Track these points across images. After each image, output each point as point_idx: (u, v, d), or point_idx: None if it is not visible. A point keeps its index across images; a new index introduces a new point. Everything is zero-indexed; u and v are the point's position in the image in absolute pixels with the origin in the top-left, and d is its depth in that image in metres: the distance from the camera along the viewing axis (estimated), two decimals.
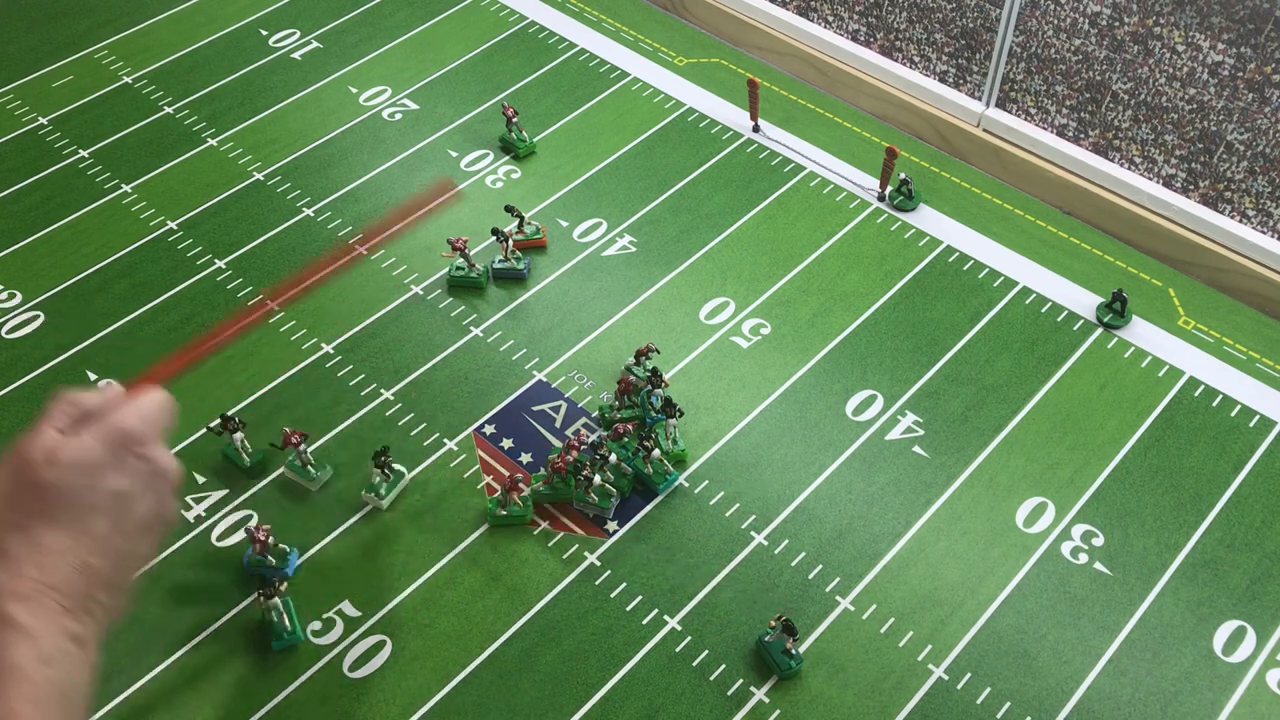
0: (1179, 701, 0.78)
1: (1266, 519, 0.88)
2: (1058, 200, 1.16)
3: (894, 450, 0.93)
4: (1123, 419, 0.95)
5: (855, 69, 1.28)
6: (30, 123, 1.26)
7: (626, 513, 0.90)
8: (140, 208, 1.16)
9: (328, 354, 1.02)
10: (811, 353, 1.01)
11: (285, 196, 1.17)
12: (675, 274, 1.08)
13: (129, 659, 0.83)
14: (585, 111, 1.25)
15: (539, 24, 1.36)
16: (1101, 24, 1.06)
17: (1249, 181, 1.04)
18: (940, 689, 0.79)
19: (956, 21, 1.17)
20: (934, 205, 1.13)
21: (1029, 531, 0.88)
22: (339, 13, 1.39)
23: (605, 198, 1.15)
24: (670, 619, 0.84)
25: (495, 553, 0.88)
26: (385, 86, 1.29)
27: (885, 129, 1.23)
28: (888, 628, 0.83)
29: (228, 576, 0.87)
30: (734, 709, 0.79)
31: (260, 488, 0.93)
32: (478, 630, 0.83)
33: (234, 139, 1.23)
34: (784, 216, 1.12)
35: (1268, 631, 0.82)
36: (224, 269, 1.10)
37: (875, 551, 0.87)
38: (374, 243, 0.87)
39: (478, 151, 1.21)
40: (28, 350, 1.04)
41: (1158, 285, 1.06)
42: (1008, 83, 1.17)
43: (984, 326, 1.02)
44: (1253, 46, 0.97)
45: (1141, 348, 1.00)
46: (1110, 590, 0.84)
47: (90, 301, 1.08)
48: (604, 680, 0.81)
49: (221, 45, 1.35)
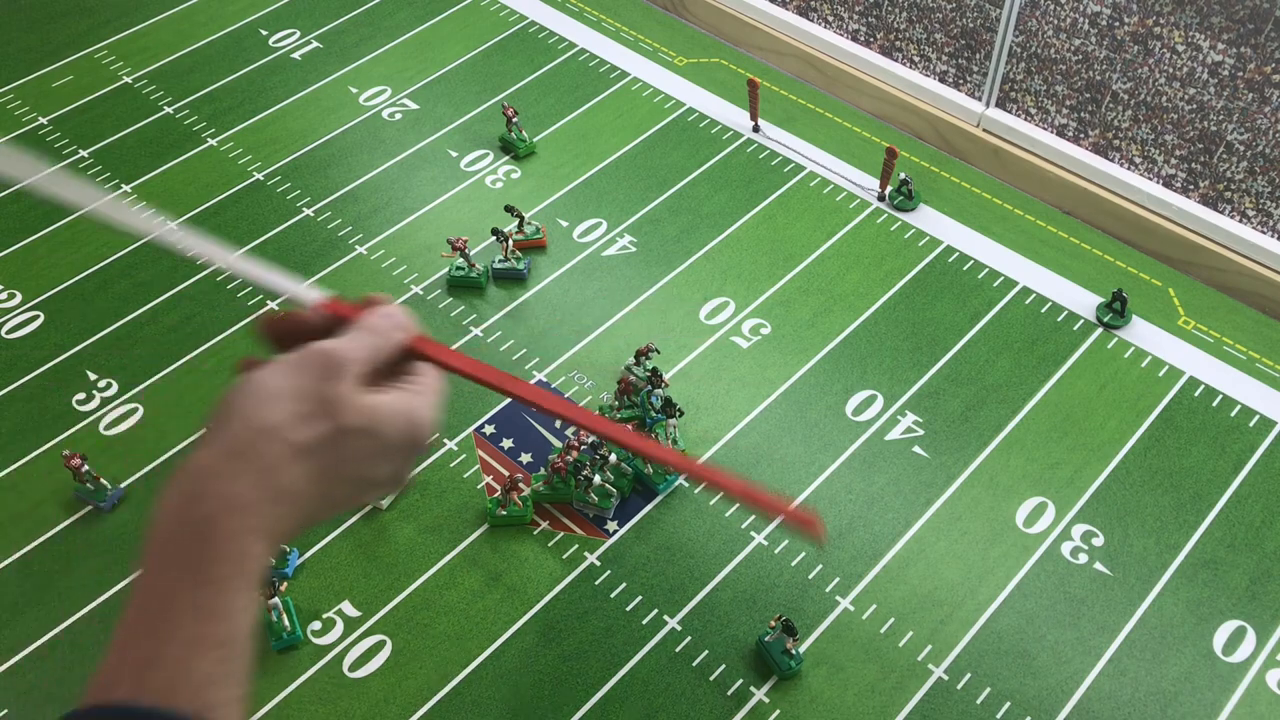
0: (1179, 701, 0.78)
1: (1266, 519, 0.88)
2: (1058, 200, 1.16)
3: (894, 450, 0.93)
4: (1123, 419, 0.95)
5: (855, 69, 1.28)
6: (30, 123, 1.26)
7: (626, 513, 0.90)
8: (140, 208, 1.16)
9: None
10: (811, 353, 1.01)
11: (285, 196, 1.17)
12: (675, 274, 1.08)
13: None
14: (585, 111, 1.25)
15: (539, 24, 1.36)
16: (1101, 24, 1.06)
17: (1249, 181, 1.04)
18: (940, 689, 0.79)
19: (956, 21, 1.17)
20: (934, 205, 1.13)
21: (1029, 531, 0.88)
22: (339, 13, 1.39)
23: (605, 198, 1.15)
24: (670, 619, 0.84)
25: (495, 553, 0.88)
26: (385, 86, 1.29)
27: (885, 129, 1.23)
28: (888, 628, 0.83)
29: None
30: (734, 709, 0.79)
31: None
32: (478, 630, 0.83)
33: (234, 139, 1.23)
34: (784, 216, 1.12)
35: (1268, 631, 0.82)
36: (224, 269, 1.10)
37: (875, 551, 0.87)
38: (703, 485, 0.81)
39: (478, 151, 1.21)
40: (28, 350, 1.04)
41: (1158, 285, 1.06)
42: (1008, 83, 1.17)
43: (984, 326, 1.02)
44: (1253, 46, 0.97)
45: (1141, 348, 1.00)
46: (1110, 590, 0.84)
47: (90, 301, 1.08)
48: (604, 680, 0.81)
49: (221, 45, 1.35)
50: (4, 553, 0.90)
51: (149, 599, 0.46)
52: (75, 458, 0.89)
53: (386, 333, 0.54)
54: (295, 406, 0.50)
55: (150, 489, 0.93)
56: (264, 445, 0.49)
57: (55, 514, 0.92)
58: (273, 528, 0.49)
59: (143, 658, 0.45)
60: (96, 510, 0.92)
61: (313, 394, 0.50)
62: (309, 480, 0.50)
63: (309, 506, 0.51)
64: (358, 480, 0.53)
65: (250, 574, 0.47)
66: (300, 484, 0.50)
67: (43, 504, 0.93)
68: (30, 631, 0.85)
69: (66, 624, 0.85)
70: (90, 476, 0.90)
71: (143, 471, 0.94)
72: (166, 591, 0.46)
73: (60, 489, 0.93)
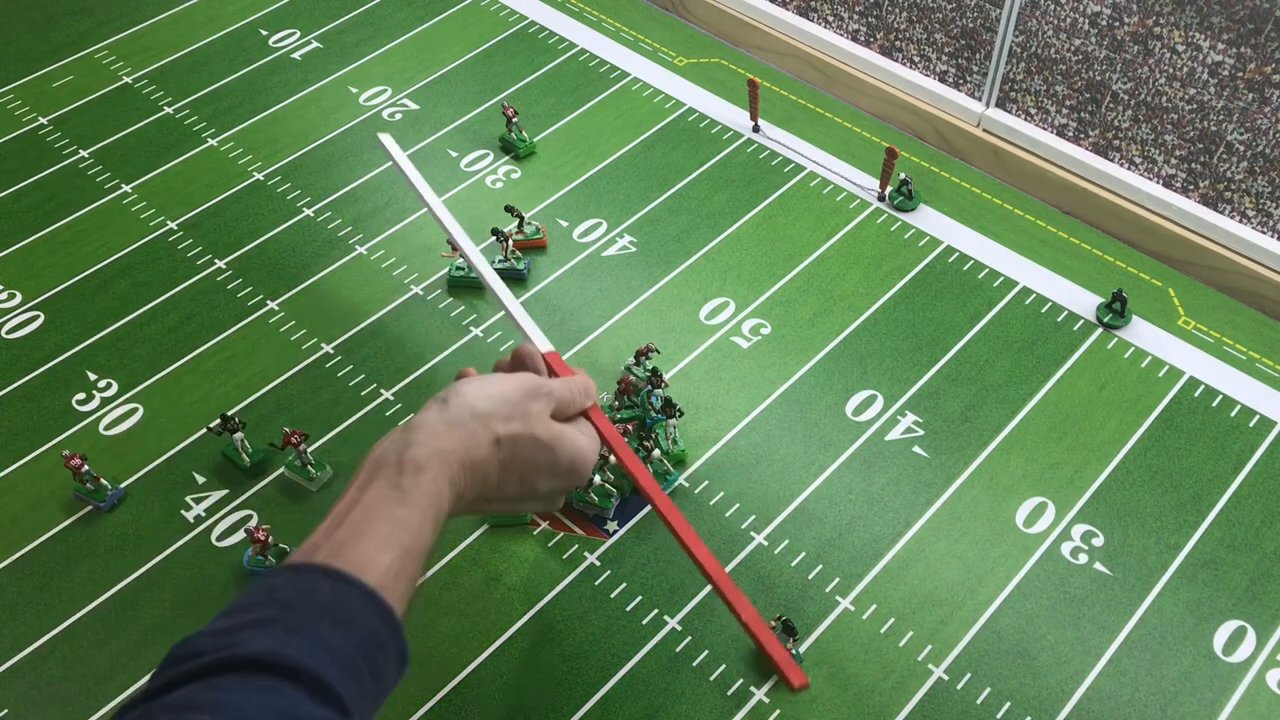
0: (1179, 701, 0.78)
1: (1266, 519, 0.88)
2: (1057, 200, 1.16)
3: (894, 450, 0.93)
4: (1123, 419, 0.95)
5: (855, 69, 1.28)
6: (30, 123, 1.26)
7: (626, 513, 0.90)
8: (140, 208, 1.16)
9: (328, 354, 1.02)
10: (811, 353, 1.01)
11: (285, 196, 1.17)
12: (675, 274, 1.08)
13: (130, 659, 0.83)
14: (585, 111, 1.25)
15: (539, 24, 1.36)
16: (1101, 24, 1.06)
17: (1249, 181, 1.04)
18: (940, 689, 0.79)
19: (956, 21, 1.17)
20: (934, 205, 1.13)
21: (1029, 531, 0.88)
22: (339, 13, 1.39)
23: (605, 198, 1.15)
24: (670, 619, 0.84)
25: (495, 553, 0.88)
26: (385, 86, 1.29)
27: (885, 129, 1.23)
28: (888, 628, 0.83)
29: (228, 576, 0.87)
30: (734, 709, 0.79)
31: (260, 488, 0.93)
32: (478, 630, 0.83)
33: (234, 139, 1.23)
34: (784, 216, 1.12)
35: (1268, 631, 0.82)
36: (224, 269, 1.10)
37: (875, 551, 0.87)
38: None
39: (478, 151, 1.21)
40: (28, 350, 1.04)
41: (1158, 285, 1.06)
42: (1008, 83, 1.17)
43: (984, 326, 1.02)
44: (1253, 46, 0.97)
45: (1141, 348, 1.00)
46: (1110, 590, 0.84)
47: (90, 301, 1.08)
48: (604, 680, 0.81)
49: (221, 45, 1.35)
50: (4, 553, 0.90)
51: (356, 504, 0.58)
52: (75, 458, 0.89)
53: (581, 390, 0.71)
54: (504, 408, 0.65)
55: (150, 489, 0.93)
56: (474, 424, 0.63)
57: (55, 514, 0.92)
58: (460, 488, 0.62)
59: (342, 541, 0.56)
60: (96, 510, 0.92)
61: (519, 404, 0.65)
62: (494, 464, 0.64)
63: (485, 486, 0.64)
64: (525, 484, 0.66)
65: (438, 512, 0.60)
66: (488, 464, 0.64)
67: (43, 504, 0.93)
68: (30, 631, 0.85)
69: (66, 624, 0.85)
70: (90, 476, 0.90)
71: (143, 471, 0.94)
72: (375, 502, 0.58)
73: (60, 489, 0.93)
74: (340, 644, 0.52)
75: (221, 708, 0.47)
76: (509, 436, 0.64)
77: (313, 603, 0.53)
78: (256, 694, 0.48)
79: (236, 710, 0.47)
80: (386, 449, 0.61)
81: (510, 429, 0.64)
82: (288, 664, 0.50)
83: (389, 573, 0.56)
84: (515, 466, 0.65)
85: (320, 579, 0.54)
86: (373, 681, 0.53)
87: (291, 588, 0.54)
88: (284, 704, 0.48)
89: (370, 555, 0.56)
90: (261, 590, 0.54)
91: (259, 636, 0.51)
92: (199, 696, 0.48)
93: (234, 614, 0.53)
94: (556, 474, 0.68)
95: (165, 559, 0.88)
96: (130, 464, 0.95)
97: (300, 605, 0.53)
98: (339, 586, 0.54)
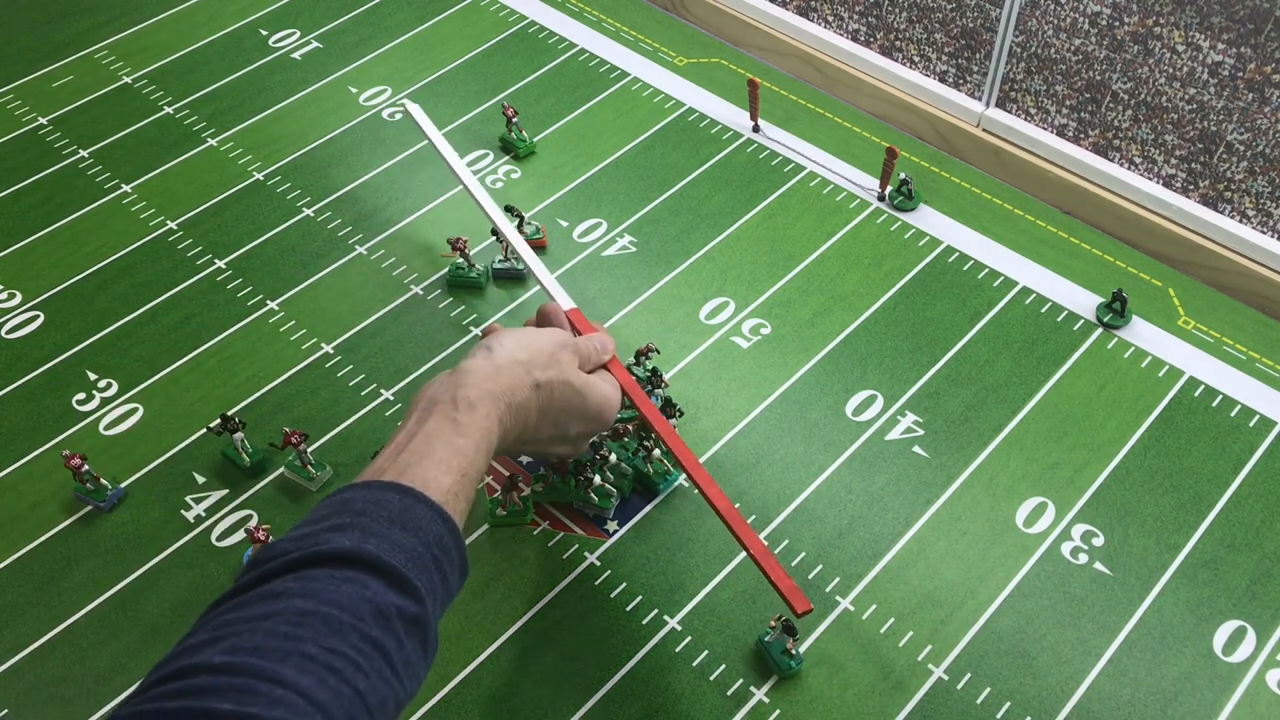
0: (1179, 701, 0.78)
1: (1266, 519, 0.88)
2: (1057, 200, 1.16)
3: (894, 450, 0.93)
4: (1123, 419, 0.95)
5: (855, 69, 1.28)
6: (30, 123, 1.26)
7: (626, 513, 0.90)
8: (140, 208, 1.16)
9: (328, 354, 1.02)
10: (811, 353, 1.01)
11: (285, 196, 1.17)
12: (675, 274, 1.08)
13: (130, 659, 0.83)
14: (585, 111, 1.25)
15: (539, 24, 1.36)
16: (1101, 24, 1.06)
17: (1249, 181, 1.04)
18: (940, 689, 0.79)
19: (956, 21, 1.17)
20: (934, 205, 1.13)
21: (1029, 531, 0.88)
22: (339, 13, 1.39)
23: (605, 198, 1.15)
24: (670, 619, 0.84)
25: (495, 553, 0.88)
26: (385, 86, 1.29)
27: (885, 129, 1.23)
28: (888, 628, 0.83)
29: (228, 576, 0.87)
30: (734, 709, 0.79)
31: (260, 488, 0.93)
32: (478, 630, 0.83)
33: (234, 139, 1.23)
34: (784, 216, 1.12)
35: (1268, 631, 0.82)
36: (224, 269, 1.10)
37: (875, 551, 0.87)
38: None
39: (478, 151, 1.21)
40: (28, 350, 1.04)
41: (1158, 285, 1.06)
42: (1008, 83, 1.17)
43: (984, 326, 1.02)
44: (1253, 46, 0.97)
45: (1141, 348, 1.00)
46: (1110, 590, 0.84)
47: (90, 301, 1.08)
48: (604, 680, 0.81)
49: (221, 45, 1.35)
50: (4, 553, 0.90)
51: (416, 434, 0.66)
52: (75, 458, 0.89)
53: (601, 345, 0.82)
54: (540, 356, 0.74)
55: (150, 489, 0.93)
56: (516, 370, 0.72)
57: (55, 514, 0.92)
58: (506, 427, 0.70)
59: (406, 463, 0.64)
60: (96, 510, 0.92)
61: (553, 354, 0.75)
62: (534, 407, 0.73)
63: (525, 428, 0.73)
64: (559, 426, 0.76)
65: (489, 445, 0.68)
66: (529, 406, 0.72)
67: (43, 504, 0.93)
68: (30, 631, 0.85)
69: (66, 624, 0.85)
70: (90, 476, 0.90)
71: (143, 471, 0.94)
72: (434, 431, 0.66)
73: (60, 489, 0.93)
74: (412, 545, 0.58)
75: (313, 594, 0.53)
76: (547, 382, 0.73)
77: (384, 511, 0.59)
78: (343, 583, 0.54)
79: (327, 595, 0.53)
80: (438, 390, 0.70)
81: (548, 375, 0.73)
82: (368, 558, 0.56)
83: (450, 493, 0.63)
84: (551, 410, 0.74)
85: (390, 492, 0.61)
86: (440, 582, 0.60)
87: (364, 499, 0.60)
88: (369, 593, 0.55)
89: (433, 475, 0.63)
90: (336, 502, 0.60)
91: (338, 536, 0.57)
92: (289, 585, 0.54)
93: (311, 523, 0.59)
94: (586, 419, 0.77)
95: (165, 559, 0.88)
96: (130, 464, 0.95)
97: (372, 513, 0.59)
98: (406, 498, 0.60)
